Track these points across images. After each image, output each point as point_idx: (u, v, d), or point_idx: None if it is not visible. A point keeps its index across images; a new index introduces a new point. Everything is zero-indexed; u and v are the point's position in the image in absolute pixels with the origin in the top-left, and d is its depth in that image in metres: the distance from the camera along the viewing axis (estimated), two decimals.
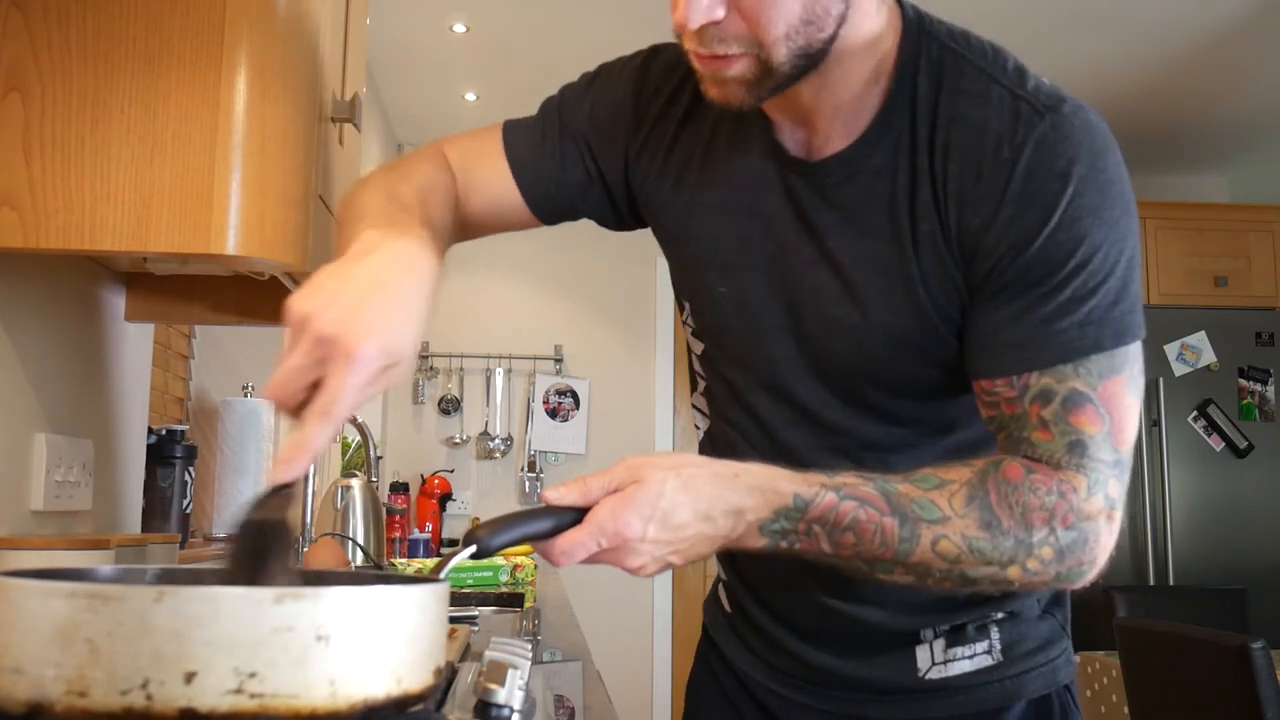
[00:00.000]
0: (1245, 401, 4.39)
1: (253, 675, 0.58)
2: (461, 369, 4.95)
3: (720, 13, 0.85)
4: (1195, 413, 4.36)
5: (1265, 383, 4.40)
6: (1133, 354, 0.89)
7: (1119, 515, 0.89)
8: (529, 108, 1.15)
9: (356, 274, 0.79)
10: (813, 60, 0.88)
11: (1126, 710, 2.63)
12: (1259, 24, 3.72)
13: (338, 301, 0.75)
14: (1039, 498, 0.86)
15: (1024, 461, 0.89)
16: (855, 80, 0.93)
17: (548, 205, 1.11)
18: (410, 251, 0.84)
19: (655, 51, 1.10)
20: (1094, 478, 0.87)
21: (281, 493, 0.74)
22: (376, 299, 0.76)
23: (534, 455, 4.91)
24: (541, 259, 4.94)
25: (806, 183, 0.97)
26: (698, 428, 1.17)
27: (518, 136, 1.11)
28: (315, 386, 0.75)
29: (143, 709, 0.57)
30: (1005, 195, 0.88)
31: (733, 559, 1.17)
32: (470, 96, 4.41)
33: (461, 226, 1.10)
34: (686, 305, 1.11)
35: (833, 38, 0.88)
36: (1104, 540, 0.88)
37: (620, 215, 1.13)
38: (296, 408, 0.75)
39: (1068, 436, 0.87)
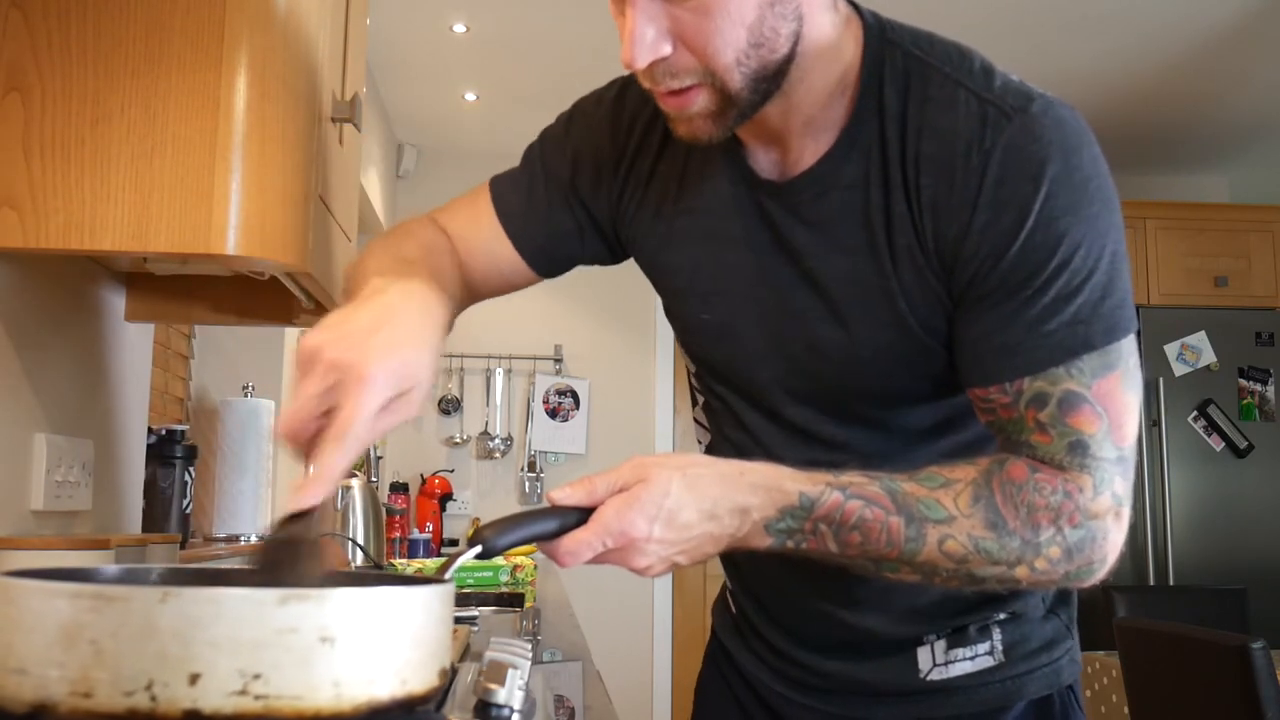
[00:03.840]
0: (1245, 401, 4.39)
1: (257, 677, 0.58)
2: (461, 369, 4.95)
3: (666, 49, 0.84)
4: (1195, 413, 4.36)
5: (1265, 383, 4.40)
6: (1126, 349, 0.88)
7: (1127, 512, 0.89)
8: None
9: (365, 310, 0.80)
10: (772, 82, 0.87)
11: (1126, 710, 2.63)
12: (1259, 24, 3.72)
13: (347, 333, 0.76)
14: (1044, 497, 0.86)
15: (1028, 461, 0.88)
16: (820, 94, 0.92)
17: (545, 259, 1.11)
18: (418, 290, 0.85)
19: (627, 84, 1.10)
20: (1099, 476, 0.87)
21: (301, 518, 0.72)
22: (386, 328, 0.77)
23: (534, 455, 4.91)
24: None
25: (779, 203, 0.97)
26: (700, 442, 1.16)
27: (505, 192, 1.12)
28: (327, 418, 0.74)
29: (147, 710, 0.57)
30: (979, 202, 0.87)
31: (736, 567, 1.17)
32: (470, 96, 4.41)
33: (469, 290, 1.10)
34: (676, 327, 1.11)
35: (789, 57, 0.87)
36: (1113, 538, 0.88)
37: (616, 253, 1.14)
38: (309, 442, 0.74)
39: (1067, 438, 0.87)
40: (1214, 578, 4.22)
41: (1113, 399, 0.87)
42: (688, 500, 0.83)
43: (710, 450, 1.14)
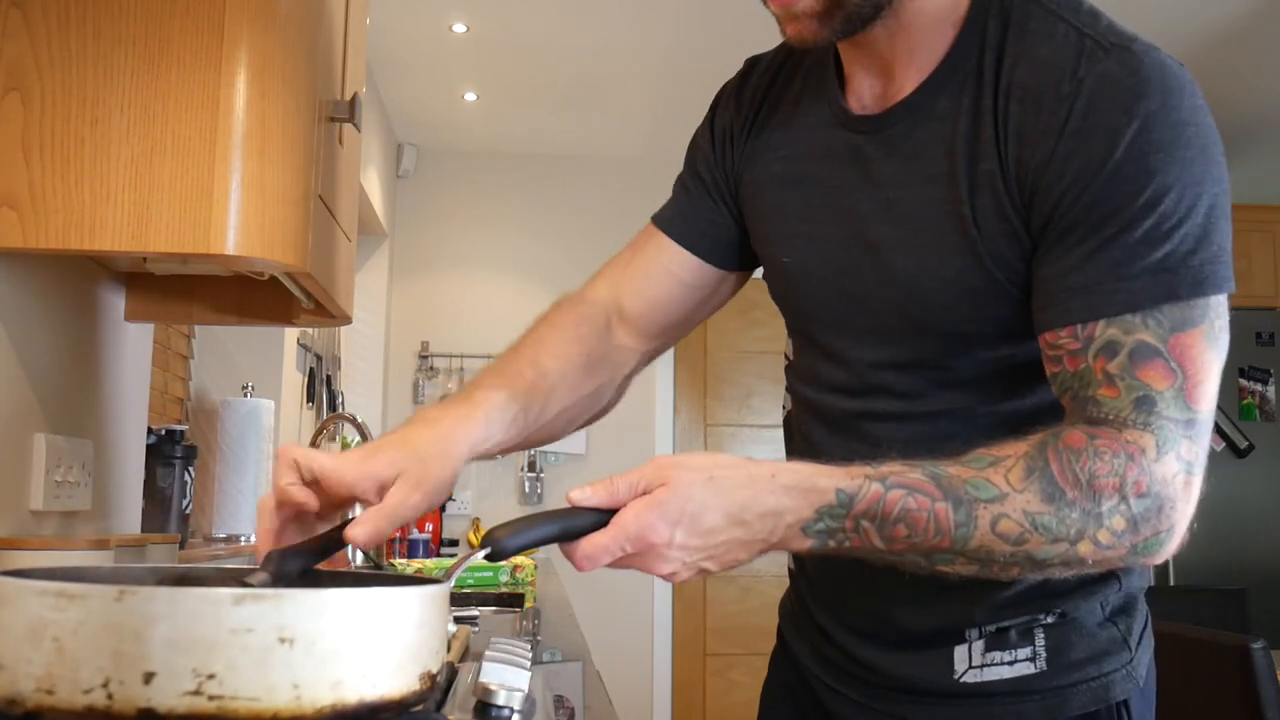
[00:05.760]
0: (1245, 401, 4.38)
1: (211, 677, 0.58)
2: (461, 369, 4.94)
3: None
4: None
5: (1265, 383, 4.40)
6: (1214, 308, 0.83)
7: (1198, 481, 0.83)
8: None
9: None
10: None
11: None
12: (1259, 24, 3.72)
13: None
14: (1105, 463, 0.80)
15: (1085, 428, 0.83)
16: (929, 19, 0.93)
17: (710, 246, 1.12)
18: (442, 422, 0.91)
19: (753, 63, 1.14)
20: (1163, 437, 0.81)
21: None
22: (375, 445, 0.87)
23: (534, 455, 4.90)
24: (542, 259, 4.93)
25: (872, 137, 0.97)
26: (784, 408, 1.17)
27: (663, 210, 1.16)
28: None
29: (103, 708, 0.57)
30: (1065, 130, 0.85)
31: None
32: (470, 96, 4.40)
33: (655, 332, 1.13)
34: (767, 279, 1.12)
35: None
36: (1181, 507, 0.82)
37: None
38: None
39: (1135, 392, 0.81)
40: (1214, 578, 4.22)
41: (1190, 356, 0.82)
42: (713, 504, 0.79)
43: (787, 418, 1.15)
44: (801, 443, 1.10)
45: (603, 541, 0.79)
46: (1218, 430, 4.35)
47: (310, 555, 0.79)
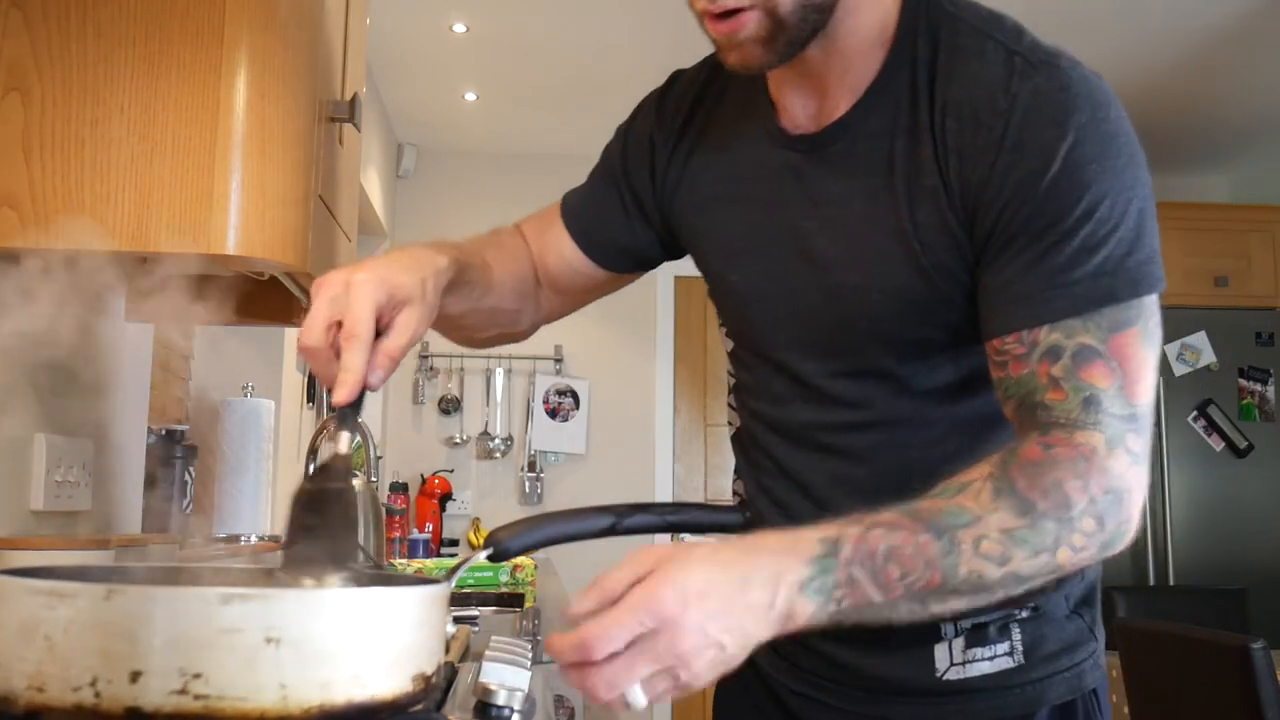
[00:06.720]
0: (1245, 401, 4.38)
1: (197, 676, 0.58)
2: (461, 369, 4.94)
3: None
4: (1195, 413, 4.36)
5: (1265, 383, 4.40)
6: (1148, 306, 0.87)
7: (1145, 469, 0.87)
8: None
9: (367, 259, 0.93)
10: (822, 13, 0.90)
11: (1127, 710, 2.63)
12: (1259, 24, 3.72)
13: (346, 268, 0.88)
14: (1066, 469, 0.83)
15: (1039, 439, 0.86)
16: (861, 39, 0.94)
17: (600, 251, 1.16)
18: (420, 246, 0.95)
19: (675, 76, 1.15)
20: (1110, 433, 0.85)
21: (331, 469, 0.82)
22: (380, 259, 0.90)
23: (534, 455, 4.91)
24: None
25: (809, 156, 0.99)
26: (730, 424, 1.17)
27: (570, 193, 1.20)
28: (337, 332, 0.85)
29: (91, 706, 0.58)
30: (1003, 144, 0.88)
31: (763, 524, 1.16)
32: (470, 96, 4.40)
33: (557, 293, 1.19)
34: (713, 299, 1.14)
35: None
36: (1135, 496, 0.85)
37: (666, 243, 1.17)
38: (326, 361, 0.84)
39: (1081, 393, 0.85)
40: (1214, 578, 4.22)
41: (1128, 355, 0.86)
42: (713, 574, 0.75)
43: (737, 435, 1.15)
44: (762, 457, 1.10)
45: (615, 616, 0.73)
46: (1217, 430, 4.35)
47: (357, 409, 0.85)
